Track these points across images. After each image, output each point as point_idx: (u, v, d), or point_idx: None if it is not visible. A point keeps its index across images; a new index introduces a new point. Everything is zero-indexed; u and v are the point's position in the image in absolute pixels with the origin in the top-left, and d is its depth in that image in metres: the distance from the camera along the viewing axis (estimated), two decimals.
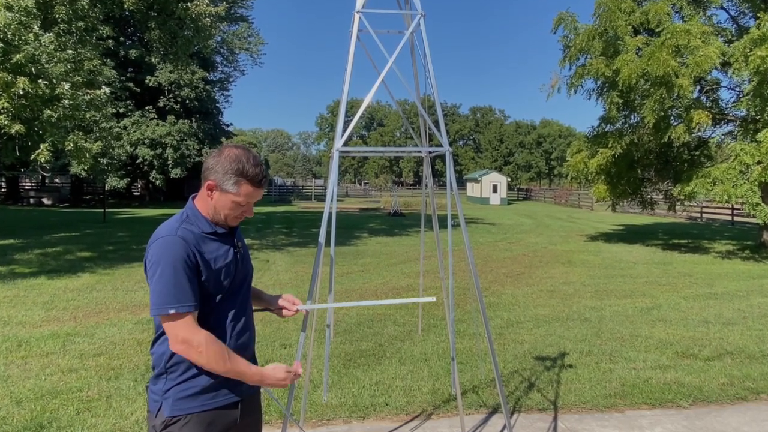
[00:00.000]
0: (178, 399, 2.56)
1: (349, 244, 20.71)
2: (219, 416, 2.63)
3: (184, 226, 2.57)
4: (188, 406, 2.56)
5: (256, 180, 2.62)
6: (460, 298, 10.93)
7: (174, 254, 2.46)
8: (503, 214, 43.28)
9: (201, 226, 2.61)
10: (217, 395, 2.62)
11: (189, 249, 2.49)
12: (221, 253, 2.62)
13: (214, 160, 2.61)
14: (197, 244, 2.54)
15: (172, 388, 2.57)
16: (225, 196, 2.60)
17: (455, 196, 4.06)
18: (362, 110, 4.24)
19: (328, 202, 3.78)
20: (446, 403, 6.06)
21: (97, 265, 14.88)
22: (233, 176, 2.57)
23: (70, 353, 7.52)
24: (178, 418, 2.54)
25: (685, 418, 5.86)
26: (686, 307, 10.96)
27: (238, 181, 2.58)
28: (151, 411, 2.62)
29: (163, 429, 2.55)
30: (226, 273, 2.61)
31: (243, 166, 2.58)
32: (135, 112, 44.87)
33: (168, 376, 2.58)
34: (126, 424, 5.37)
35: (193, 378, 2.57)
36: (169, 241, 2.49)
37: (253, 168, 2.60)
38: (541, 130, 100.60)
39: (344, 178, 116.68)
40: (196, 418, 2.56)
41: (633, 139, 20.26)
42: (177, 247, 2.47)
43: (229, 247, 2.68)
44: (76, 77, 17.07)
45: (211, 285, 2.56)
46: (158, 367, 2.61)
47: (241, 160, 2.59)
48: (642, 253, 19.72)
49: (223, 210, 2.63)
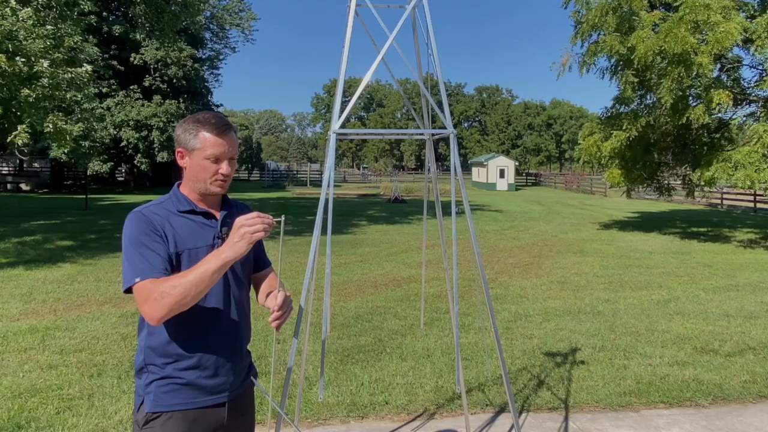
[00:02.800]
0: (159, 394, 2.58)
1: (347, 232, 20.71)
2: (204, 415, 2.64)
3: (157, 204, 2.64)
4: (170, 402, 2.58)
5: (215, 126, 2.61)
6: (465, 290, 10.93)
7: (134, 228, 2.51)
8: (511, 200, 43.27)
9: (178, 205, 2.65)
10: (202, 394, 2.63)
11: (152, 223, 2.52)
12: (195, 235, 2.62)
13: (176, 130, 2.67)
14: (165, 220, 2.57)
15: (154, 383, 2.59)
16: (194, 157, 2.62)
17: (460, 181, 4.04)
18: (361, 90, 4.21)
19: (325, 188, 3.75)
20: (450, 401, 6.06)
21: (78, 254, 14.87)
22: (192, 131, 2.60)
23: (50, 348, 7.51)
24: (159, 414, 2.57)
25: (704, 417, 5.86)
26: (706, 299, 10.95)
27: (197, 132, 2.60)
28: (136, 405, 2.65)
29: (146, 424, 2.58)
30: (196, 256, 2.56)
31: (199, 119, 2.62)
32: (119, 92, 44.79)
33: (149, 368, 2.61)
34: (109, 424, 5.37)
35: (176, 372, 2.58)
36: (131, 217, 2.56)
37: (209, 117, 2.64)
38: (551, 111, 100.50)
39: (342, 162, 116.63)
40: (179, 415, 2.59)
41: (649, 121, 20.17)
42: (137, 221, 2.53)
43: (209, 230, 2.67)
44: (56, 54, 17.00)
45: (178, 267, 2.54)
46: (139, 359, 2.65)
47: (197, 117, 2.64)
48: (659, 242, 19.72)
49: (198, 174, 2.63)
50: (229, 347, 2.70)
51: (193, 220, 2.64)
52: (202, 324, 2.60)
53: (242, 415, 2.83)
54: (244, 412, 2.85)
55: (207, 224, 2.67)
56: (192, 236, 2.60)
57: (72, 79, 17.84)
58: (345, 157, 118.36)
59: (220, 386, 2.67)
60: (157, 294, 2.36)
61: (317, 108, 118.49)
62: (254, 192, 48.66)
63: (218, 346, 2.66)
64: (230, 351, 2.72)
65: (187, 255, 2.56)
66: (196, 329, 2.57)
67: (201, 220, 2.66)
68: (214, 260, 2.37)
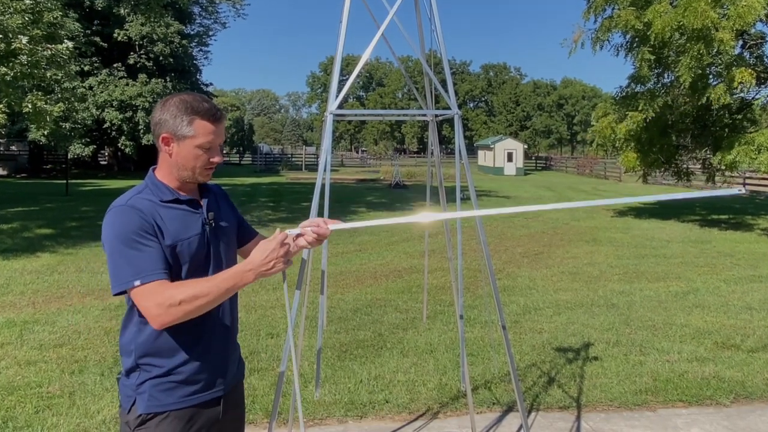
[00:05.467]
0: (154, 394, 2.57)
1: (345, 220, 20.61)
2: (200, 413, 2.66)
3: (139, 196, 2.59)
4: (166, 402, 2.58)
5: (210, 114, 2.61)
6: (471, 282, 10.92)
7: (126, 224, 2.47)
8: (519, 185, 43.29)
9: (160, 195, 2.62)
10: (198, 390, 2.65)
11: (144, 217, 2.49)
12: (185, 225, 2.62)
13: (159, 112, 2.62)
14: (154, 213, 2.54)
15: (147, 382, 2.58)
16: (184, 145, 2.60)
17: (465, 165, 4.02)
18: (359, 68, 4.19)
19: (321, 173, 3.74)
20: (455, 400, 6.06)
21: (58, 243, 14.87)
22: (185, 117, 2.58)
23: (28, 344, 7.51)
24: (155, 415, 2.56)
25: (725, 417, 5.86)
26: (727, 291, 10.95)
27: (192, 119, 2.58)
28: (124, 407, 2.63)
29: (139, 426, 2.57)
30: (189, 247, 2.60)
31: (191, 104, 2.59)
32: (102, 71, 44.68)
33: (141, 368, 2.60)
34: (91, 424, 5.36)
35: (171, 370, 2.59)
36: (119, 212, 2.52)
37: (202, 104, 2.61)
38: (562, 90, 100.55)
39: (339, 145, 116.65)
40: (175, 415, 2.59)
41: (667, 101, 20.15)
42: (128, 216, 2.49)
43: (197, 217, 2.68)
44: (34, 30, 16.95)
45: (173, 260, 2.55)
46: (128, 358, 2.62)
47: (188, 101, 2.60)
48: (677, 230, 19.71)
49: (187, 162, 2.62)
50: (223, 340, 2.74)
51: (180, 209, 2.64)
52: (196, 320, 2.58)
53: (235, 409, 2.88)
54: (237, 405, 2.90)
55: (194, 212, 2.68)
56: (183, 227, 2.61)
57: (52, 56, 17.79)
58: (342, 139, 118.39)
59: (216, 381, 2.71)
60: (172, 300, 2.39)
61: (313, 87, 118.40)
62: (246, 177, 48.63)
63: (213, 339, 2.70)
64: (225, 343, 2.77)
65: (181, 246, 2.57)
66: (189, 324, 2.56)
67: (186, 208, 2.66)
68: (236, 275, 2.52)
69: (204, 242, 2.66)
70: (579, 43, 22.20)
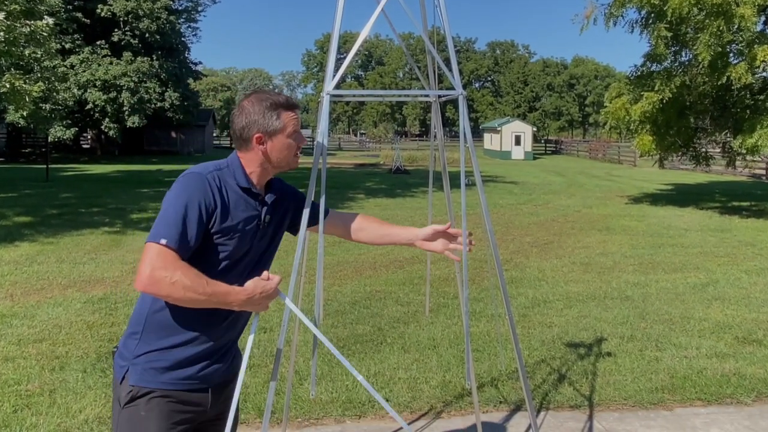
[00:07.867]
0: (148, 368, 2.70)
1: (343, 206, 20.70)
2: (189, 398, 2.79)
3: (218, 172, 2.79)
4: (157, 380, 2.70)
5: (289, 103, 2.86)
6: (476, 273, 10.91)
7: (193, 192, 2.65)
8: (528, 170, 43.29)
9: (238, 179, 2.82)
10: (191, 376, 2.77)
11: (212, 194, 2.68)
12: (245, 216, 2.80)
13: (244, 116, 2.82)
14: (224, 193, 2.74)
15: (144, 355, 2.71)
16: (278, 139, 2.84)
17: (470, 149, 3.99)
18: (358, 46, 4.16)
19: (317, 157, 3.72)
20: (459, 398, 6.06)
21: (38, 232, 14.87)
22: (272, 112, 2.80)
23: (6, 338, 7.50)
24: (146, 390, 2.68)
25: (747, 416, 5.85)
26: (748, 283, 10.94)
27: (278, 113, 2.81)
28: (116, 378, 2.75)
29: (128, 402, 2.69)
30: (237, 238, 2.77)
31: (272, 100, 2.83)
32: (84, 48, 44.66)
33: (143, 336, 2.74)
34: (73, 424, 5.35)
35: (170, 349, 2.72)
36: (194, 177, 2.71)
37: (278, 97, 2.86)
38: (573, 69, 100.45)
39: (336, 127, 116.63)
40: (165, 394, 2.71)
41: (684, 81, 20.07)
42: (201, 185, 2.68)
43: (256, 214, 2.86)
44: (12, 6, 16.93)
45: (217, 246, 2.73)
46: (135, 324, 2.77)
47: (266, 98, 2.84)
48: (695, 217, 19.71)
49: (282, 154, 2.88)
50: (230, 331, 2.92)
51: (247, 200, 2.84)
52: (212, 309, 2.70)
53: (225, 401, 2.94)
54: (227, 398, 2.94)
55: (256, 208, 2.87)
56: (243, 217, 2.79)
57: (31, 33, 17.76)
58: (340, 121, 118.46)
59: (211, 370, 2.84)
60: (171, 278, 2.49)
61: (308, 66, 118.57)
62: None
63: (221, 329, 2.84)
64: (231, 335, 2.95)
65: (232, 234, 2.76)
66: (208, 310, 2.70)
67: (252, 202, 2.86)
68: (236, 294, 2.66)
69: (249, 240, 2.83)
70: (591, 19, 22.13)
